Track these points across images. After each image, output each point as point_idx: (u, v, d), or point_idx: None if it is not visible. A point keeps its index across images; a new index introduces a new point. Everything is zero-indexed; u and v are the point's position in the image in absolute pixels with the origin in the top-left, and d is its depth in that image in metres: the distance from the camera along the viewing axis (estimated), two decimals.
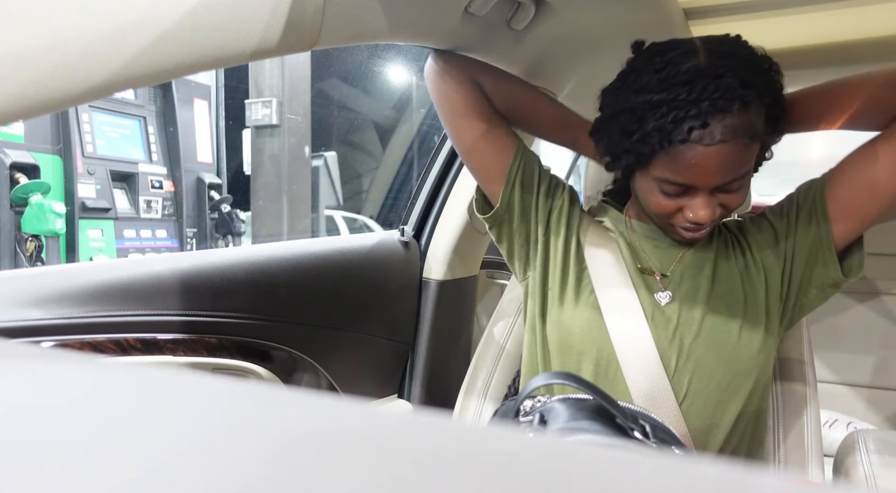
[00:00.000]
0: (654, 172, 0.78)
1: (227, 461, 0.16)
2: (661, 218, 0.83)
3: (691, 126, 0.72)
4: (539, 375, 0.73)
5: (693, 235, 0.82)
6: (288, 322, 1.09)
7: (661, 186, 0.79)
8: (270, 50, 0.66)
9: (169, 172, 4.20)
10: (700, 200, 0.77)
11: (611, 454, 0.17)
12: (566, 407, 0.68)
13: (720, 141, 0.72)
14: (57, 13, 0.51)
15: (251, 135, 4.40)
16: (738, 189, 0.78)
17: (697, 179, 0.75)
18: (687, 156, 0.73)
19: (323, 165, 4.75)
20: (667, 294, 0.85)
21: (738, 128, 0.72)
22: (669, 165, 0.75)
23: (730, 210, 0.80)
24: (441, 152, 1.36)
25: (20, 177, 3.33)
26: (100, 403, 0.20)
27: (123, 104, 3.97)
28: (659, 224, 0.87)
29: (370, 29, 0.81)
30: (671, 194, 0.79)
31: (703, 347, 0.82)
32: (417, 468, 0.16)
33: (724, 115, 0.71)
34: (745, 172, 0.76)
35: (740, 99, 0.72)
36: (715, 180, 0.75)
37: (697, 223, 0.79)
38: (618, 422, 0.66)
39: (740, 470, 0.16)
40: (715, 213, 0.78)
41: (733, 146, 0.73)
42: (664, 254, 0.89)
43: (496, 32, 1.06)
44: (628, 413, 0.67)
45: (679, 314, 0.83)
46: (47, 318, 0.82)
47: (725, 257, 0.87)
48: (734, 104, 0.71)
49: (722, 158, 0.73)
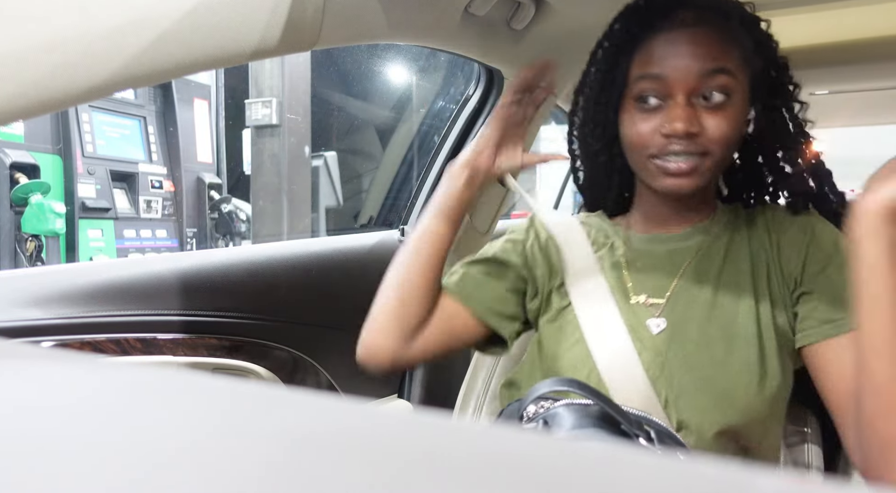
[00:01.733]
0: (631, 87, 0.75)
1: (228, 461, 0.16)
2: (642, 151, 0.75)
3: (661, 16, 0.74)
4: (544, 380, 0.72)
5: (678, 169, 0.73)
6: (288, 322, 1.09)
7: (638, 107, 0.75)
8: (270, 50, 0.66)
9: (169, 172, 4.20)
10: (677, 111, 0.72)
11: (611, 454, 0.17)
12: (570, 413, 0.67)
13: (692, 25, 0.73)
14: (57, 13, 0.51)
15: (251, 135, 4.40)
16: (720, 106, 0.72)
17: (672, 67, 0.72)
18: (658, 44, 0.73)
19: (323, 165, 4.75)
20: (661, 321, 0.78)
21: (708, 16, 0.73)
22: (643, 63, 0.74)
23: (712, 139, 0.72)
24: (441, 152, 1.36)
25: (20, 177, 3.34)
26: (100, 403, 0.20)
27: (123, 104, 3.97)
28: (643, 174, 0.78)
29: (370, 29, 0.81)
30: (649, 108, 0.74)
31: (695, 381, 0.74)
32: (417, 468, 0.16)
33: (692, 7, 0.73)
34: (724, 68, 0.72)
35: (708, 6, 0.74)
36: (690, 68, 0.71)
37: (675, 137, 0.72)
38: (622, 428, 0.66)
39: (740, 470, 0.16)
40: (692, 125, 0.71)
41: (706, 31, 0.72)
42: (661, 271, 0.81)
43: (496, 32, 1.06)
44: (633, 419, 0.67)
45: (670, 345, 0.76)
46: (47, 318, 0.82)
47: (735, 272, 0.78)
48: (704, 6, 0.74)
49: (696, 39, 0.72)
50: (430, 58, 5.19)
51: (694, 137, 0.72)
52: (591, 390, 0.66)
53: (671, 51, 0.73)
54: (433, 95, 5.43)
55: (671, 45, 0.73)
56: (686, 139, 0.72)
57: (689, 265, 0.80)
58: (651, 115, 0.74)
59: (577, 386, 0.66)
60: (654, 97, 0.74)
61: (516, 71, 1.21)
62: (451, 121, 1.35)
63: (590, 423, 0.65)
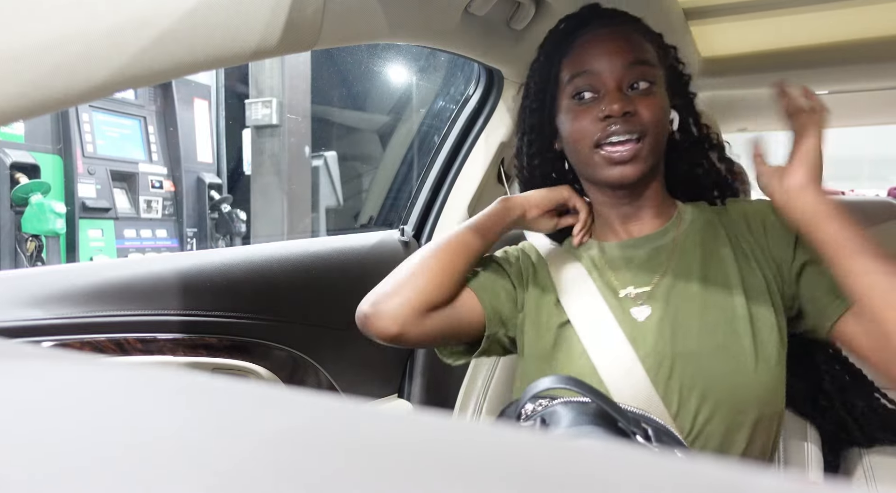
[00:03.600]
0: (565, 89, 0.83)
1: (227, 461, 0.16)
2: (584, 142, 0.81)
3: (580, 25, 0.84)
4: (542, 379, 0.72)
5: (621, 156, 0.78)
6: (288, 322, 1.09)
7: (574, 103, 0.82)
8: (270, 50, 0.66)
9: (169, 172, 4.20)
10: (612, 95, 0.79)
11: (611, 454, 0.17)
12: (568, 411, 0.68)
13: (609, 25, 0.83)
14: (57, 13, 0.51)
15: (251, 135, 4.40)
16: (647, 92, 0.80)
17: (600, 63, 0.80)
18: (583, 47, 0.82)
19: (323, 165, 4.75)
20: (645, 309, 0.80)
21: (620, 21, 0.84)
22: (572, 64, 0.83)
23: (645, 120, 0.79)
24: (441, 152, 1.36)
25: (20, 177, 3.34)
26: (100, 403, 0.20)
27: (123, 104, 3.97)
28: (589, 170, 0.83)
29: (370, 29, 0.81)
30: (585, 101, 0.81)
31: (690, 366, 0.75)
32: (417, 468, 0.16)
33: (606, 17, 0.85)
34: (644, 59, 0.81)
35: (618, 14, 0.85)
36: (615, 61, 0.80)
37: (613, 118, 0.78)
38: (620, 426, 0.66)
39: (740, 470, 0.16)
40: (628, 106, 0.78)
41: (622, 31, 0.82)
42: (645, 270, 0.83)
43: (496, 32, 1.06)
44: (630, 417, 0.67)
45: (658, 328, 0.78)
46: (47, 318, 0.82)
47: (718, 261, 0.81)
48: (615, 15, 0.85)
49: (615, 38, 0.81)
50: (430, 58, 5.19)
51: (629, 117, 0.78)
52: (589, 388, 0.66)
53: (596, 50, 0.81)
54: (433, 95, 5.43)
55: (595, 46, 0.82)
56: (623, 120, 0.78)
57: (669, 261, 0.82)
58: (588, 108, 0.81)
59: (575, 384, 0.66)
60: (589, 91, 0.81)
61: (516, 71, 1.21)
62: (451, 121, 1.35)
63: (587, 421, 0.66)
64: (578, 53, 0.83)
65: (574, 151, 0.84)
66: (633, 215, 0.86)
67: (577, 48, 0.83)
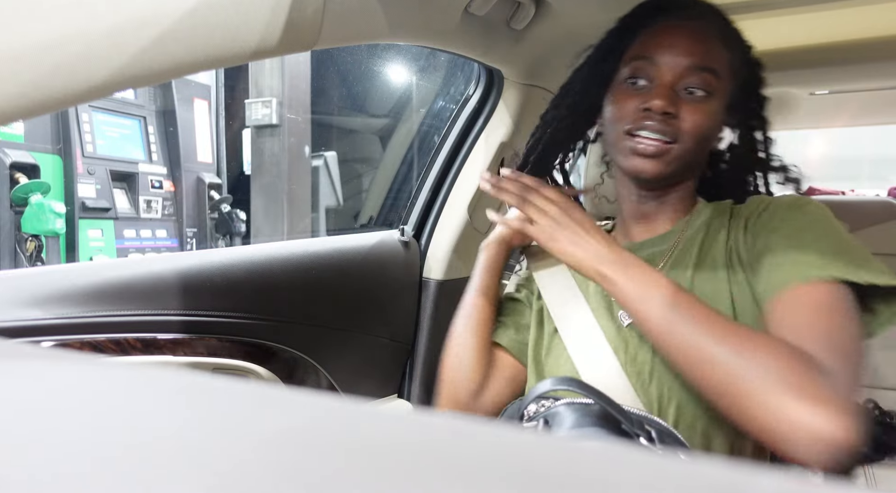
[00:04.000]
0: (623, 68, 0.81)
1: (227, 462, 0.16)
2: (618, 124, 0.79)
3: (666, 9, 0.79)
4: (544, 380, 0.72)
5: (645, 149, 0.76)
6: (288, 322, 1.09)
7: (625, 85, 0.80)
8: (270, 50, 0.66)
9: (169, 172, 4.20)
10: (659, 90, 0.76)
11: (611, 454, 0.17)
12: (571, 412, 0.67)
13: (691, 19, 0.78)
14: (57, 13, 0.51)
15: (251, 135, 4.40)
16: (699, 101, 0.76)
17: (665, 54, 0.77)
18: (657, 32, 0.79)
19: (323, 165, 4.75)
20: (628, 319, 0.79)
21: (709, 19, 0.79)
22: (640, 46, 0.79)
23: (684, 127, 0.75)
24: (441, 152, 1.36)
25: (20, 177, 3.33)
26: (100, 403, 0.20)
27: (123, 104, 3.97)
28: (615, 151, 0.81)
29: (370, 29, 0.81)
30: (636, 87, 0.79)
31: (669, 373, 0.73)
32: (417, 468, 0.16)
33: (693, 10, 0.80)
34: (711, 68, 0.76)
35: (709, 11, 0.80)
36: (681, 58, 0.76)
37: (652, 112, 0.75)
38: (623, 428, 0.65)
39: (740, 470, 0.16)
40: (670, 106, 0.75)
41: (704, 30, 0.78)
42: None
43: (496, 32, 1.06)
44: (634, 419, 0.67)
45: (640, 334, 0.76)
46: (47, 318, 0.82)
47: (710, 264, 0.77)
48: (704, 11, 0.80)
49: (694, 34, 0.77)
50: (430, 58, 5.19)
51: (668, 118, 0.75)
52: (592, 389, 0.66)
53: (668, 40, 0.78)
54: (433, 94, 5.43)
55: (666, 36, 0.78)
56: (661, 118, 0.75)
57: (664, 265, 0.81)
58: (636, 93, 0.78)
59: (578, 386, 0.66)
60: (643, 79, 0.78)
61: (516, 71, 1.21)
62: (451, 121, 1.35)
63: (590, 422, 0.65)
64: (650, 37, 0.79)
65: (608, 132, 0.83)
66: (646, 217, 0.85)
67: (654, 31, 0.79)
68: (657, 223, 0.84)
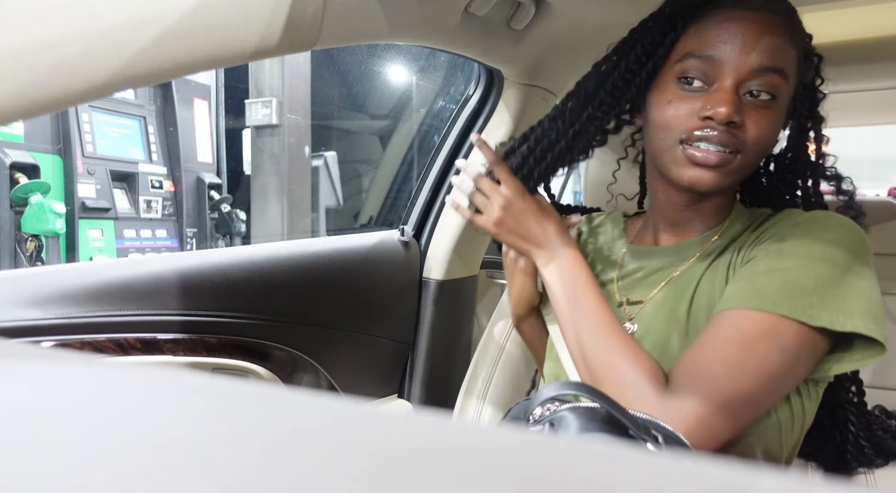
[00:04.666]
0: (674, 64, 0.70)
1: (227, 462, 0.16)
2: (671, 133, 0.70)
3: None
4: (552, 383, 0.72)
5: (705, 158, 0.68)
6: (288, 322, 1.09)
7: (677, 85, 0.70)
8: (270, 50, 0.66)
9: (169, 172, 4.20)
10: (723, 95, 0.66)
11: (611, 454, 0.17)
12: (577, 417, 0.67)
13: (759, 9, 0.66)
14: (57, 12, 0.51)
15: (251, 135, 4.40)
16: (765, 106, 0.67)
17: (728, 52, 0.66)
18: (717, 24, 0.67)
19: (323, 165, 4.75)
20: (632, 326, 0.77)
21: (776, 6, 0.68)
22: (695, 40, 0.68)
23: (749, 137, 0.67)
24: (441, 152, 1.36)
25: (20, 177, 3.34)
26: (100, 403, 0.20)
27: (123, 104, 3.97)
28: (664, 161, 0.72)
29: (370, 29, 0.81)
30: (690, 89, 0.69)
31: None
32: (417, 468, 0.16)
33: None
34: (779, 68, 0.66)
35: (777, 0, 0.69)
36: (747, 57, 0.65)
37: (715, 122, 0.66)
38: (630, 433, 0.65)
39: (740, 470, 0.16)
40: (736, 114, 0.65)
41: (771, 21, 0.67)
42: (644, 280, 0.80)
43: (496, 32, 1.06)
44: (640, 424, 0.66)
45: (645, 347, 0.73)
46: (47, 318, 0.82)
47: (711, 279, 0.74)
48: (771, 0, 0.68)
49: (759, 27, 0.66)
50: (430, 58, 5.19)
51: (733, 127, 0.67)
52: (600, 393, 0.66)
53: (728, 34, 0.67)
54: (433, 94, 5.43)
55: (729, 29, 0.67)
56: (724, 128, 0.67)
57: (673, 277, 0.77)
58: (691, 97, 0.69)
59: (586, 390, 0.66)
60: (699, 79, 0.69)
61: (516, 71, 1.21)
62: (451, 121, 1.35)
63: (596, 427, 0.65)
64: (707, 29, 0.68)
65: (655, 138, 0.73)
66: (679, 225, 0.79)
67: (709, 22, 0.68)
68: (688, 230, 0.79)
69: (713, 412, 0.61)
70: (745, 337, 0.63)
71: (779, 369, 0.63)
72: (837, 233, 0.68)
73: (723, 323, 0.65)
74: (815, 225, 0.69)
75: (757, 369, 0.62)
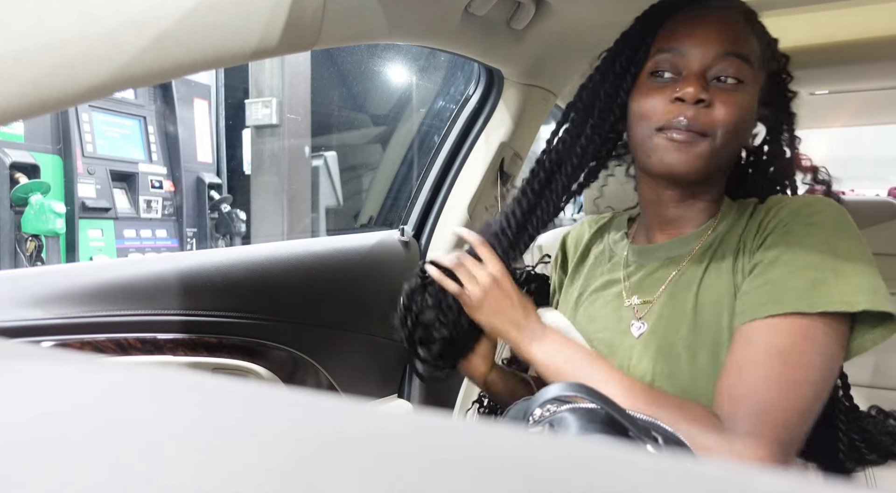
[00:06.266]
0: (647, 63, 0.77)
1: (227, 462, 0.16)
2: (648, 123, 0.75)
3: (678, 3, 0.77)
4: (552, 385, 0.71)
5: (679, 142, 0.72)
6: (288, 322, 1.09)
7: (650, 80, 0.76)
8: (270, 50, 0.66)
9: (169, 171, 4.20)
10: (690, 79, 0.73)
11: (611, 454, 0.17)
12: (577, 418, 0.67)
13: (716, 10, 0.75)
14: (57, 13, 0.51)
15: (251, 135, 4.40)
16: (731, 89, 0.73)
17: (692, 44, 0.73)
18: (680, 23, 0.76)
19: (323, 165, 4.75)
20: (641, 325, 0.78)
21: (734, 7, 0.76)
22: (664, 38, 0.76)
23: (717, 118, 0.72)
24: (441, 152, 1.36)
25: (20, 177, 3.34)
26: (100, 403, 0.20)
27: (123, 104, 3.97)
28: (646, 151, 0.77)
29: (370, 29, 0.81)
30: (662, 80, 0.75)
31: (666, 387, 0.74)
32: (418, 468, 0.16)
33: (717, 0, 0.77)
34: (740, 53, 0.73)
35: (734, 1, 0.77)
36: (708, 46, 0.73)
37: (685, 103, 0.72)
38: (630, 434, 0.65)
39: (740, 470, 0.16)
40: (703, 93, 0.71)
41: (729, 17, 0.75)
42: (650, 278, 0.81)
43: (496, 32, 1.06)
44: (640, 425, 0.66)
45: (644, 346, 0.77)
46: (47, 318, 0.82)
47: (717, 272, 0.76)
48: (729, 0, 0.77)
49: (721, 21, 0.74)
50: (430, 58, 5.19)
51: (701, 107, 0.71)
52: (599, 394, 0.65)
53: (693, 29, 0.75)
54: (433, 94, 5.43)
55: (691, 25, 0.75)
56: (694, 109, 0.71)
57: (677, 273, 0.78)
58: (662, 87, 0.75)
59: (586, 391, 0.66)
60: (669, 71, 0.75)
61: (516, 71, 1.21)
62: (451, 121, 1.35)
63: (596, 428, 0.65)
64: (674, 28, 0.76)
65: (635, 133, 0.78)
66: (670, 222, 0.82)
67: (677, 22, 0.76)
68: (681, 227, 0.82)
69: (781, 442, 0.63)
70: (783, 351, 0.65)
71: (822, 373, 0.65)
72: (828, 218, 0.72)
73: (754, 340, 0.67)
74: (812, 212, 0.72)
75: (806, 384, 0.64)
